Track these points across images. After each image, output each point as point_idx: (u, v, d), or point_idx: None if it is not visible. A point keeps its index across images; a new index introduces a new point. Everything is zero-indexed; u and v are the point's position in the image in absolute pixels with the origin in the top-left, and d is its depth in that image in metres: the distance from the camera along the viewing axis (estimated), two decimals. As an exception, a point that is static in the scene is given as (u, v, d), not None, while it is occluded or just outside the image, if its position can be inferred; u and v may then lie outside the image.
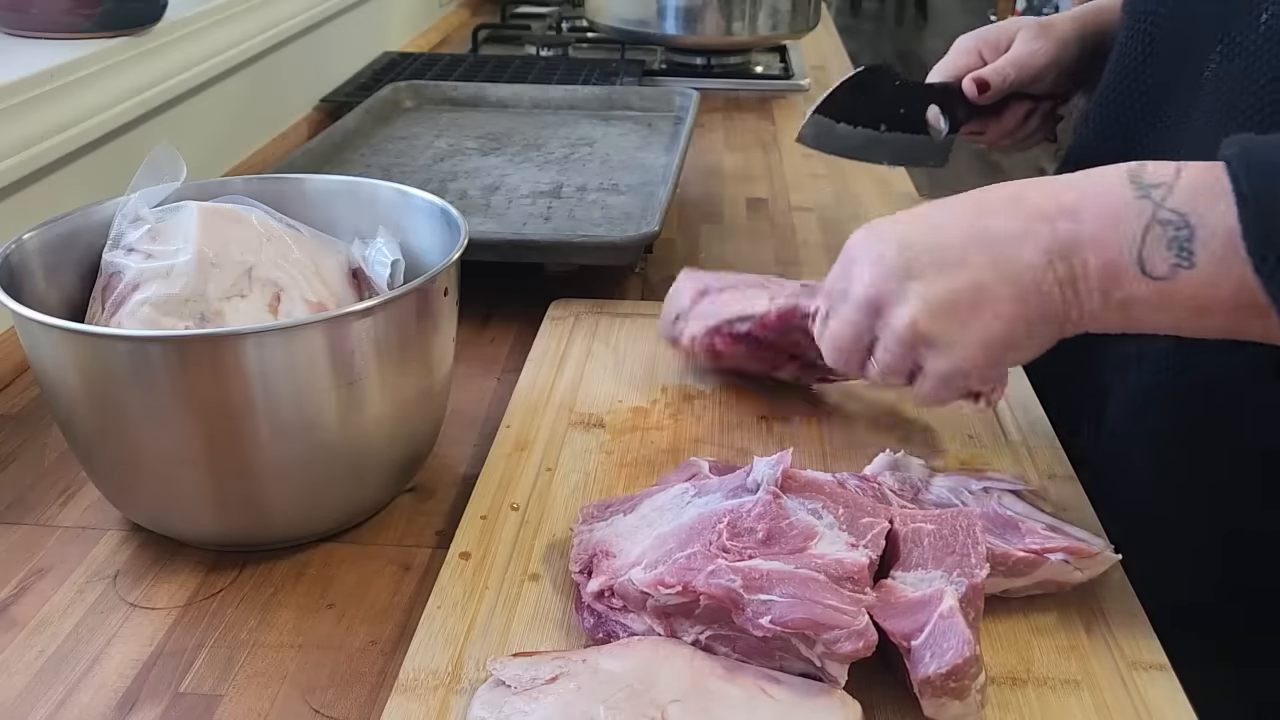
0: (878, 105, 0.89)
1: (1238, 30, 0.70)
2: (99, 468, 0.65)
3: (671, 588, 0.53)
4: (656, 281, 1.02)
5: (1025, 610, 0.60)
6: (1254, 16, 0.68)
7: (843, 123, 0.89)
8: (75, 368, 0.60)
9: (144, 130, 1.10)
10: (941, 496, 0.64)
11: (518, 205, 1.07)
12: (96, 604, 0.62)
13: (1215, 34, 0.72)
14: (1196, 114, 0.73)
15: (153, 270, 0.65)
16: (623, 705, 0.50)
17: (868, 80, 0.90)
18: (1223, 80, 0.70)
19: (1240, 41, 0.69)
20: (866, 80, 0.90)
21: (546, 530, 0.65)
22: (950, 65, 0.92)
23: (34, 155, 0.91)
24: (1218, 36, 0.71)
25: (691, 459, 0.67)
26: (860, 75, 0.90)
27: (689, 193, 1.27)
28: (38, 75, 0.92)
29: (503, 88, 1.40)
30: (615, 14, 1.75)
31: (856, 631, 0.51)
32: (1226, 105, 0.70)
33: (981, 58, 0.92)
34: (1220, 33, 0.71)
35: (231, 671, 0.58)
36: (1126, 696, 0.54)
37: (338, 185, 0.78)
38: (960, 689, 0.50)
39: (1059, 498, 0.68)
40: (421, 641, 0.57)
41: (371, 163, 1.17)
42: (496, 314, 0.96)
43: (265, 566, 0.65)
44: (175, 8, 1.13)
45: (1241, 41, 0.69)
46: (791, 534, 0.56)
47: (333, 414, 0.62)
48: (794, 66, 1.79)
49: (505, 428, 0.75)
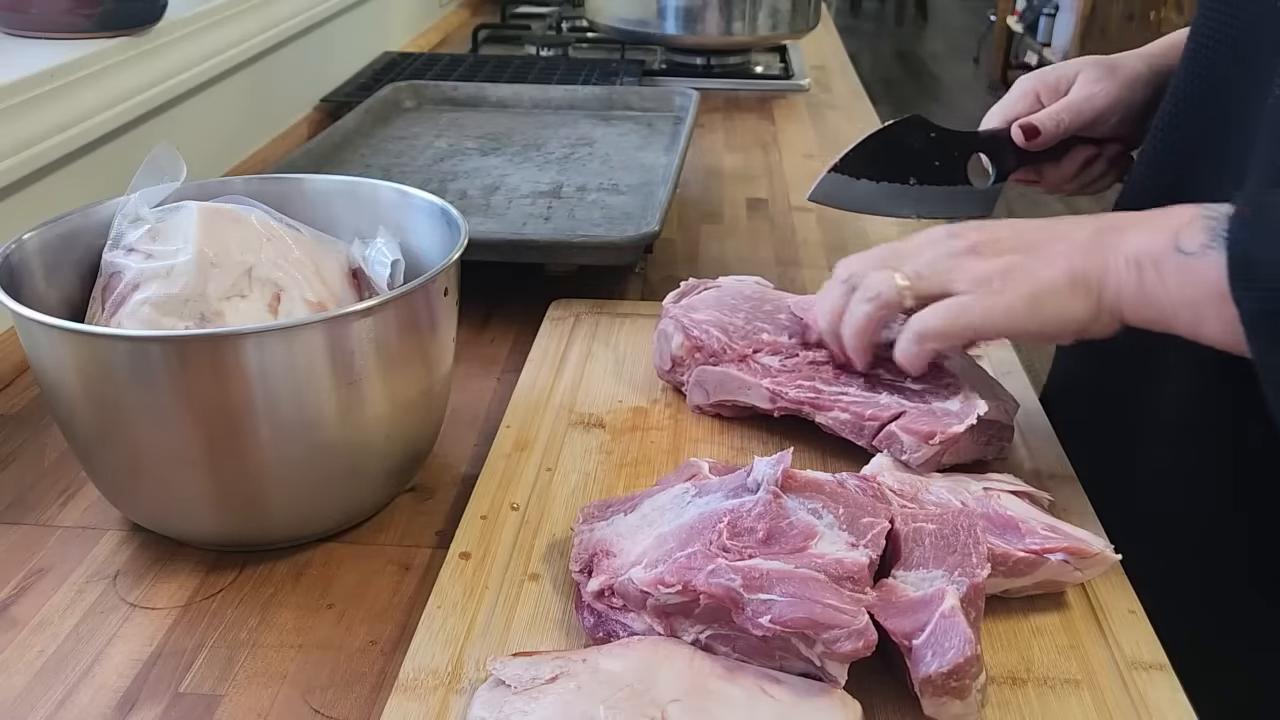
0: (907, 158, 0.81)
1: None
2: (99, 468, 0.65)
3: (671, 587, 0.53)
4: (656, 281, 1.02)
5: (1025, 610, 0.60)
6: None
7: (863, 179, 0.80)
8: (75, 368, 0.60)
9: (144, 130, 1.10)
10: (941, 497, 0.64)
11: (518, 205, 1.07)
12: (96, 604, 0.62)
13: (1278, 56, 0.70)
14: (1260, 141, 0.71)
15: (153, 270, 0.65)
16: (623, 705, 0.50)
17: (899, 133, 0.81)
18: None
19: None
20: (897, 133, 0.82)
21: (546, 530, 0.65)
22: (1006, 109, 0.86)
23: (34, 155, 0.91)
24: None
25: (691, 459, 0.67)
26: (890, 129, 0.81)
27: (689, 193, 1.27)
28: (38, 75, 0.92)
29: (503, 88, 1.40)
30: (615, 14, 1.75)
31: (856, 631, 0.51)
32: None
33: (1039, 100, 0.85)
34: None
35: (231, 671, 0.58)
36: (1126, 696, 0.54)
37: (338, 185, 0.78)
38: (961, 688, 0.50)
39: (1059, 498, 0.68)
40: (421, 641, 0.57)
41: (371, 163, 1.18)
42: (496, 314, 0.96)
43: (265, 566, 0.65)
44: (175, 8, 1.13)
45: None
46: (791, 534, 0.56)
47: (333, 414, 0.62)
48: (794, 66, 1.79)
49: (505, 428, 0.75)
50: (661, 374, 0.80)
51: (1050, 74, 0.85)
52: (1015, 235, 0.63)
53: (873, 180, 0.80)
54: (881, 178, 0.80)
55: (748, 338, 0.77)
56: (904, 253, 0.66)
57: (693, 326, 0.78)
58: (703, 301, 0.81)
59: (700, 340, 0.77)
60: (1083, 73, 0.84)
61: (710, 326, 0.77)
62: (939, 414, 0.68)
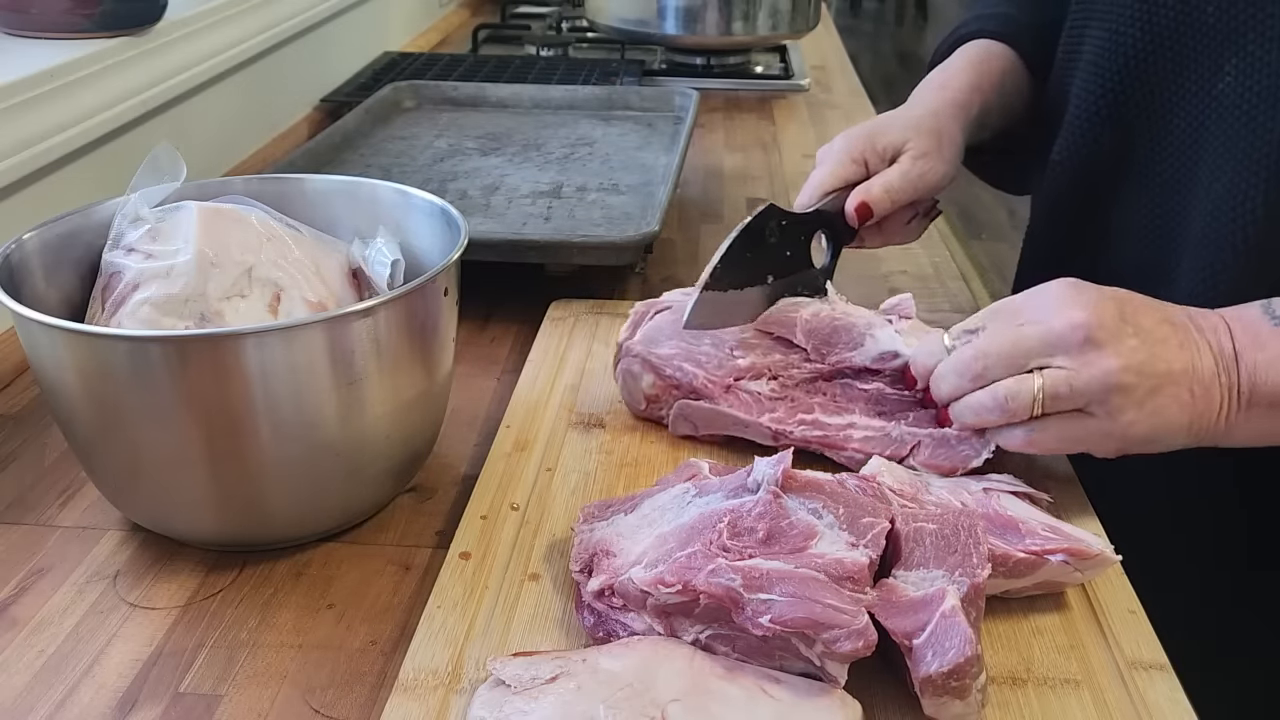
0: (765, 255, 0.77)
1: (1255, 44, 0.68)
2: (99, 468, 0.65)
3: (671, 586, 0.53)
4: (656, 281, 1.02)
5: (1025, 610, 0.60)
6: (1275, 30, 0.67)
7: (730, 289, 0.75)
8: (75, 368, 0.60)
9: (144, 130, 1.10)
10: (941, 497, 0.64)
11: (518, 205, 1.07)
12: (96, 604, 0.62)
13: (1225, 47, 0.70)
14: (1211, 129, 0.72)
15: (153, 270, 0.65)
16: (623, 705, 0.50)
17: (759, 228, 0.76)
18: (1242, 95, 0.69)
19: (1259, 55, 0.68)
20: (757, 228, 0.76)
21: (546, 530, 0.65)
22: (834, 174, 0.80)
23: (34, 155, 0.91)
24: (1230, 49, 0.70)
25: (691, 459, 0.67)
26: (750, 226, 0.76)
27: (689, 193, 1.27)
28: (38, 75, 0.92)
29: (503, 88, 1.40)
30: (615, 14, 1.75)
31: (856, 631, 0.51)
32: (1248, 121, 0.69)
33: (866, 167, 0.81)
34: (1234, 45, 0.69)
35: (231, 671, 0.58)
36: (1126, 696, 0.54)
37: (338, 185, 0.78)
38: (961, 688, 0.50)
39: (1059, 498, 0.68)
40: (421, 641, 0.57)
41: (371, 163, 1.18)
42: (496, 314, 0.96)
43: (265, 566, 0.65)
44: (175, 8, 1.13)
45: (1261, 56, 0.68)
46: (792, 533, 0.56)
47: (333, 414, 0.62)
48: (794, 66, 1.79)
49: (505, 428, 0.75)
50: (636, 413, 0.76)
51: (877, 137, 0.81)
52: (1152, 358, 0.61)
53: (739, 289, 0.75)
54: (746, 284, 0.76)
55: (722, 366, 0.73)
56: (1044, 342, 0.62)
57: (663, 365, 0.74)
58: (660, 331, 0.76)
59: (675, 379, 0.73)
60: (910, 144, 0.80)
61: (681, 362, 0.74)
62: (954, 444, 0.67)
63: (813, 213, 0.80)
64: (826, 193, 0.80)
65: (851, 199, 0.79)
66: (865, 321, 0.75)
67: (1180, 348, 0.61)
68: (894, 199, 0.79)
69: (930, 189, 0.81)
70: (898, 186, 0.79)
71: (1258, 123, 0.68)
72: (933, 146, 0.81)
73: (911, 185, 0.79)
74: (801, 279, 0.79)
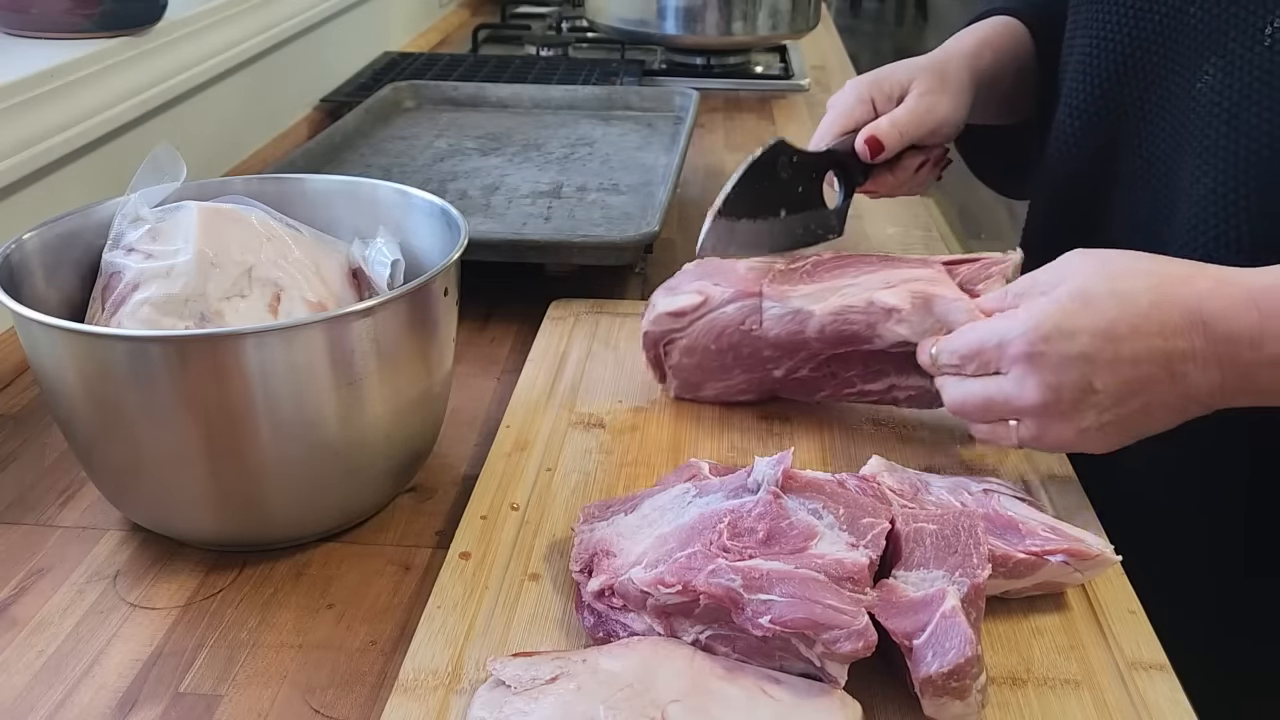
0: (777, 189, 0.79)
1: (1236, 43, 0.69)
2: (99, 468, 0.65)
3: (671, 587, 0.53)
4: (656, 281, 1.01)
5: (1025, 610, 0.60)
6: (1256, 29, 0.68)
7: (743, 219, 0.78)
8: (75, 368, 0.60)
9: (144, 130, 1.10)
10: (942, 497, 0.64)
11: (518, 205, 1.07)
12: (96, 604, 0.62)
13: (1207, 47, 0.71)
14: (1193, 128, 0.72)
15: (153, 270, 0.65)
16: (623, 705, 0.50)
17: (769, 162, 0.78)
18: (1222, 94, 0.70)
19: (1240, 54, 0.69)
20: (768, 162, 0.78)
21: (546, 530, 0.65)
22: (843, 117, 0.84)
23: (34, 155, 0.91)
24: (1211, 49, 0.70)
25: (691, 460, 0.67)
26: (761, 159, 0.78)
27: (689, 193, 1.27)
28: (38, 75, 0.92)
29: (503, 88, 1.40)
30: (615, 14, 1.75)
31: (856, 631, 0.51)
32: (1229, 119, 0.69)
33: (874, 107, 0.84)
34: (1216, 45, 0.70)
35: (231, 671, 0.58)
36: (1126, 696, 0.54)
37: (338, 185, 0.78)
38: (961, 688, 0.50)
39: (1059, 498, 0.68)
40: (421, 641, 0.57)
41: (371, 163, 1.17)
42: (496, 314, 0.96)
43: (265, 566, 0.65)
44: (175, 8, 1.13)
45: (1242, 55, 0.69)
46: (792, 534, 0.56)
47: (333, 414, 0.62)
48: (794, 66, 1.79)
49: (505, 428, 0.75)
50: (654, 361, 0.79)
51: (884, 80, 0.84)
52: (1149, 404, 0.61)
53: (752, 220, 0.78)
54: (759, 215, 0.78)
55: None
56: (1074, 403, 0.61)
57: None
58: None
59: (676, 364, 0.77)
60: (916, 81, 0.83)
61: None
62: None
63: (824, 151, 0.82)
64: (837, 134, 0.83)
65: (861, 135, 0.82)
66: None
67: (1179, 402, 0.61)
68: (902, 132, 0.82)
69: (937, 125, 0.83)
70: (904, 120, 0.82)
71: (1239, 119, 0.68)
72: (937, 85, 0.83)
73: (918, 120, 0.82)
74: (815, 217, 0.81)
